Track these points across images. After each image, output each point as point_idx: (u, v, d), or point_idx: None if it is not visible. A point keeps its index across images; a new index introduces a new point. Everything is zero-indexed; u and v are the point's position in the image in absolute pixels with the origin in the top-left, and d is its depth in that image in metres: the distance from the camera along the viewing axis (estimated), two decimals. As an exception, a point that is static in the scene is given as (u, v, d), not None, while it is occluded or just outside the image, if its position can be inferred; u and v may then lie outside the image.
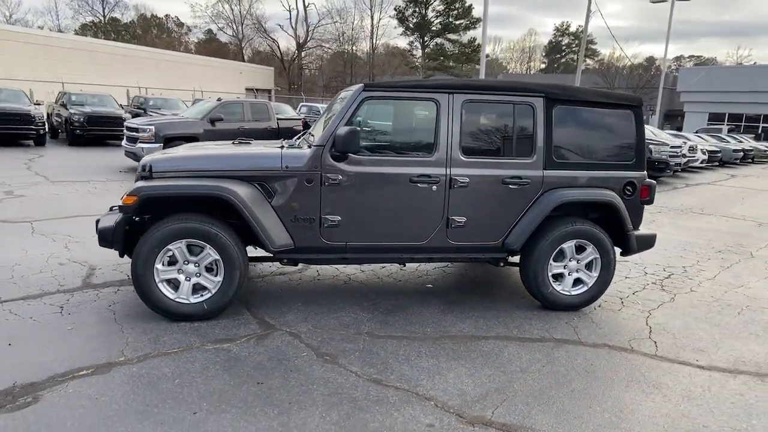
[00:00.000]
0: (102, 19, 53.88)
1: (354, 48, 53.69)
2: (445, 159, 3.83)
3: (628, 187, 4.17)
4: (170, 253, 3.46)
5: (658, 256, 5.98)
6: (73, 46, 27.94)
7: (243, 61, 48.97)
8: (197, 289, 3.58)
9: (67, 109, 15.36)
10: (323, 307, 3.96)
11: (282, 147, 3.93)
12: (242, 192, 3.50)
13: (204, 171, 3.63)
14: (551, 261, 4.04)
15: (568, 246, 4.05)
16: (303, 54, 50.99)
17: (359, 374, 2.99)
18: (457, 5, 49.18)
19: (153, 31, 62.56)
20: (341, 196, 3.72)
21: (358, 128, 3.61)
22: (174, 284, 3.54)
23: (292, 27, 49.49)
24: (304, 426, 2.48)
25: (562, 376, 3.11)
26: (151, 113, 16.63)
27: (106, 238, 3.51)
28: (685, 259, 6.04)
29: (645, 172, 4.24)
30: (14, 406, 2.49)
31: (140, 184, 3.47)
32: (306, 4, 52.61)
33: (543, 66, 71.17)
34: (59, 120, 15.93)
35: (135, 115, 15.69)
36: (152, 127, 10.58)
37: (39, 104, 15.35)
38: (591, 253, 4.10)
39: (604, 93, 4.32)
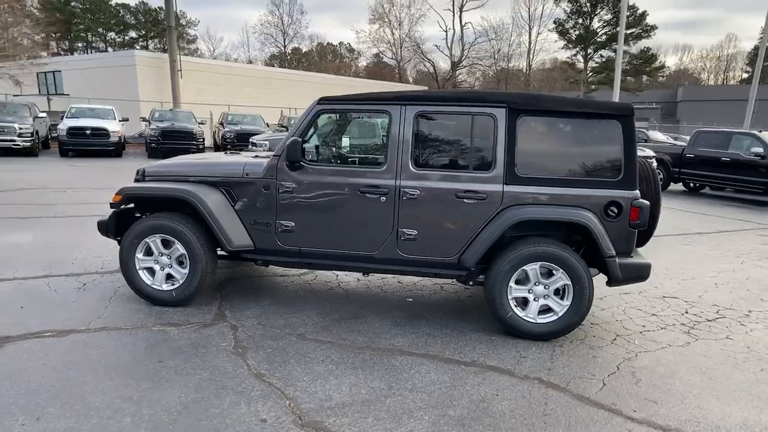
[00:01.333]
0: (282, 49, 61.18)
1: (510, 64, 52.82)
2: (395, 170, 3.83)
3: (612, 208, 3.67)
4: (146, 246, 4.06)
5: (724, 295, 5.00)
6: (246, 74, 32.35)
7: (408, 82, 51.40)
8: (169, 277, 4.12)
9: (223, 127, 18.00)
10: (284, 308, 4.22)
11: (256, 156, 4.32)
12: (207, 195, 3.95)
13: (184, 176, 4.17)
14: (512, 284, 3.74)
15: (532, 269, 3.71)
16: (457, 73, 51.66)
17: (251, 367, 3.19)
18: (627, 13, 45.28)
19: (327, 58, 69.29)
20: (294, 203, 3.96)
21: (300, 140, 3.83)
22: (152, 272, 4.13)
23: (448, 47, 50.55)
24: (158, 400, 2.78)
25: (448, 402, 2.91)
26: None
27: (101, 228, 4.27)
28: (762, 303, 4.93)
29: (636, 191, 3.68)
30: (-18, 351, 3.25)
31: (128, 185, 4.16)
32: (463, 24, 53.44)
33: (745, 75, 61.27)
34: (220, 136, 18.74)
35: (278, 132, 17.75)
36: (267, 143, 11.94)
37: (203, 123, 18.24)
38: (561, 278, 3.70)
39: (582, 102, 3.87)
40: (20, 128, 14.65)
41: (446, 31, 53.10)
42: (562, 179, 3.71)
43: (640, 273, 3.74)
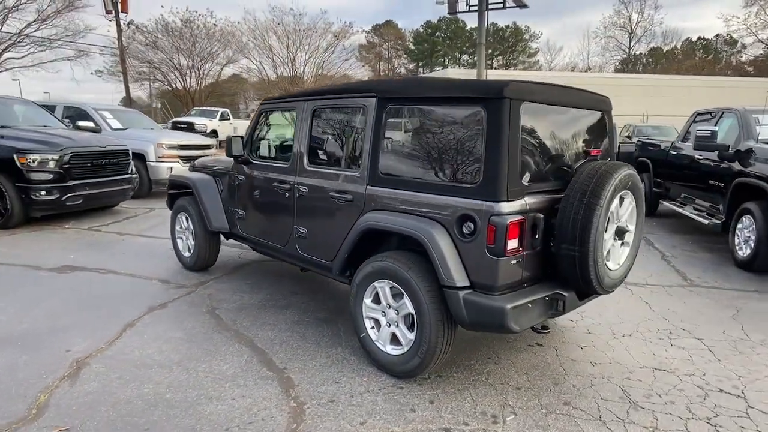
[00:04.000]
0: (626, 52, 55.98)
1: None
2: (296, 167, 3.82)
3: (468, 223, 2.74)
4: (180, 219, 5.23)
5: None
6: (588, 83, 30.91)
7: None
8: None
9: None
10: (264, 289, 4.66)
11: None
12: (202, 182, 4.81)
13: (206, 167, 5.12)
14: (366, 300, 3.24)
15: (381, 287, 3.13)
16: None
17: (214, 315, 3.96)
18: None
19: (696, 55, 59.57)
20: (242, 194, 4.41)
21: (238, 137, 4.23)
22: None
23: None
24: (125, 314, 3.86)
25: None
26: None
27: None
28: None
29: (502, 204, 2.63)
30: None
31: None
32: None
33: None
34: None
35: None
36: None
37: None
38: (405, 304, 3.00)
39: (447, 83, 2.94)
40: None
41: None
42: (422, 182, 2.99)
43: (493, 319, 2.64)
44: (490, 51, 62.30)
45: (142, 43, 28.31)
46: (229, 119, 23.35)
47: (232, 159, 4.47)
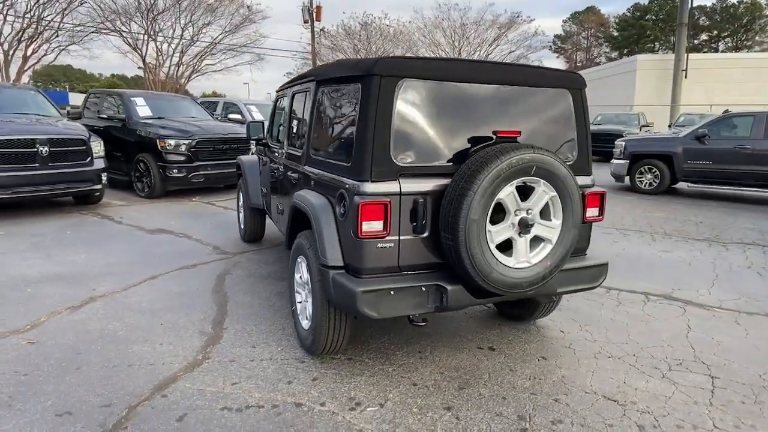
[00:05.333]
0: None
1: None
2: (281, 149, 4.10)
3: (344, 202, 2.69)
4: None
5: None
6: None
7: None
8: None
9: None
10: (282, 262, 5.08)
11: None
12: (248, 164, 5.39)
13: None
14: (296, 276, 3.34)
15: (299, 263, 3.24)
16: None
17: (220, 279, 4.54)
18: None
19: None
20: (262, 175, 4.85)
21: (257, 122, 4.66)
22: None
23: None
24: (158, 269, 4.75)
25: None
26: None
27: None
28: None
29: (365, 183, 2.53)
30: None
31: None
32: None
33: None
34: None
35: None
36: (623, 144, 10.52)
37: (648, 126, 16.81)
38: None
39: (343, 63, 2.82)
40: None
41: None
42: (324, 160, 3.02)
43: (349, 302, 2.53)
44: (715, 32, 53.29)
45: (326, 46, 31.38)
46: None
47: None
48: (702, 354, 3.29)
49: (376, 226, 2.52)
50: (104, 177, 7.32)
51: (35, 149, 6.51)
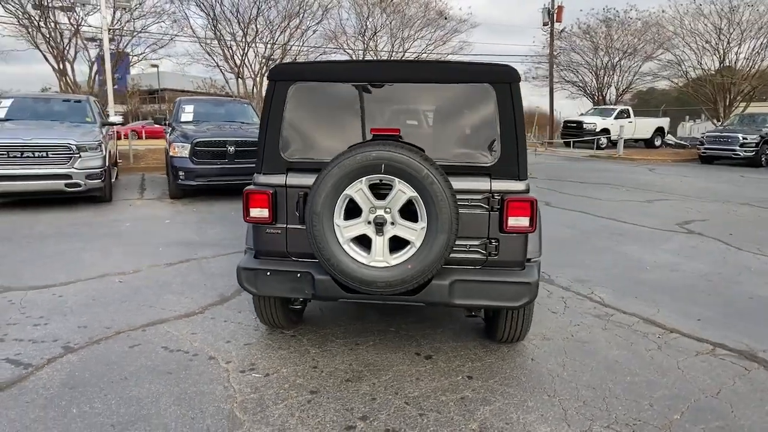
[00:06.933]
0: None
1: None
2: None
3: (252, 192, 3.11)
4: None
5: None
6: None
7: None
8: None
9: None
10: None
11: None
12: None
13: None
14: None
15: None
16: None
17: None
18: None
19: None
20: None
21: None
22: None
23: None
24: (182, 256, 6.00)
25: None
26: None
27: None
28: None
29: (258, 175, 2.93)
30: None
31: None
32: None
33: None
34: None
35: None
36: None
37: None
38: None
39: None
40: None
41: None
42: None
43: (237, 276, 2.93)
44: None
45: (563, 49, 29.69)
46: (629, 117, 21.78)
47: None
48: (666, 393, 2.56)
49: (262, 213, 2.86)
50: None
51: (225, 149, 8.45)
